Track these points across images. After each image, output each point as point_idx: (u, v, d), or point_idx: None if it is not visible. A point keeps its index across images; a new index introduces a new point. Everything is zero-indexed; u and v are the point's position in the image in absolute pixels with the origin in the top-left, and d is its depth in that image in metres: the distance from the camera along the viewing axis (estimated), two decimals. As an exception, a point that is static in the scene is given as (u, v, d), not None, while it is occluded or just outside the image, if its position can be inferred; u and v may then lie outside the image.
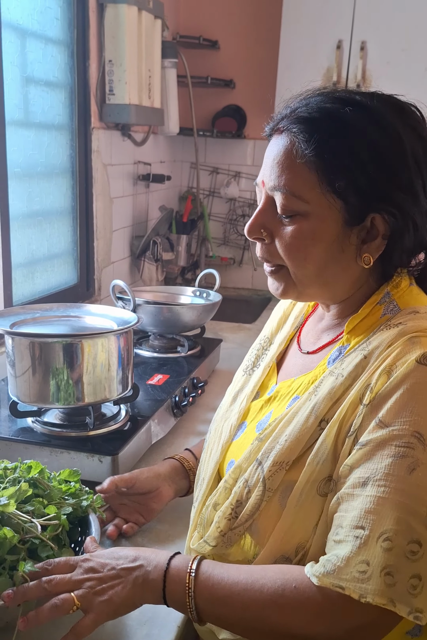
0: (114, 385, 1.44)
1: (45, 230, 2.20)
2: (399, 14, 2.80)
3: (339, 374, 0.91)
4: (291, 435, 0.91)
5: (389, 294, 0.96)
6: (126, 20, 2.32)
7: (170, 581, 0.88)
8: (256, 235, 0.96)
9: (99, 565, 0.90)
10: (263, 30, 3.27)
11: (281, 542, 0.90)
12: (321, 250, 0.92)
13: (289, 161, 0.90)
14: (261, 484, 0.92)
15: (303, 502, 0.89)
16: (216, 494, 1.00)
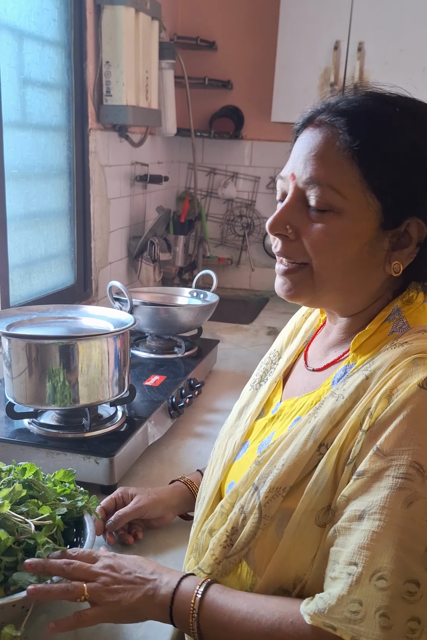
0: (110, 386, 1.44)
1: (42, 231, 2.20)
2: (397, 15, 2.80)
3: (340, 395, 0.86)
4: (288, 460, 0.86)
5: (399, 310, 0.91)
6: (123, 22, 2.32)
7: (178, 600, 0.88)
8: (281, 231, 0.90)
9: (118, 565, 0.92)
10: (261, 31, 3.27)
11: (278, 573, 0.86)
12: (352, 251, 0.87)
13: (331, 153, 0.86)
14: (257, 511, 0.87)
15: (300, 532, 0.84)
16: (212, 518, 0.96)
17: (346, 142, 0.85)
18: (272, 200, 3.51)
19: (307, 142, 0.89)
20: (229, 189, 3.48)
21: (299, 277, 0.91)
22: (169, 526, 1.29)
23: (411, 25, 2.80)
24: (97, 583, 0.90)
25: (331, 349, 0.99)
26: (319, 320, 1.09)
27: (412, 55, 2.81)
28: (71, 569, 0.91)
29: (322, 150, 0.86)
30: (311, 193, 0.87)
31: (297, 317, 1.15)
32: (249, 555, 0.88)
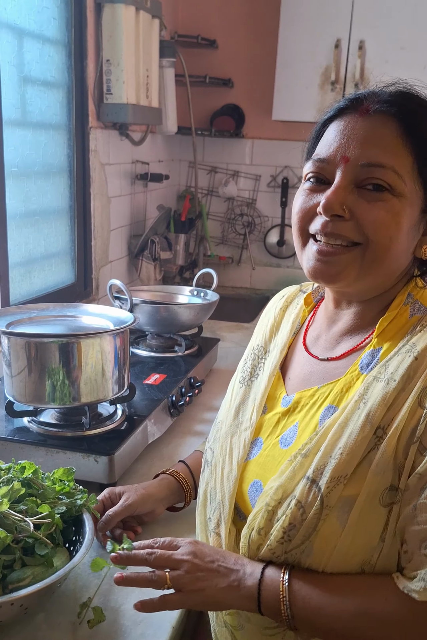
0: (110, 385, 1.44)
1: (42, 229, 2.20)
2: (398, 13, 2.79)
3: (390, 379, 0.88)
4: (346, 447, 0.86)
5: (411, 294, 0.96)
6: (124, 20, 2.32)
7: (265, 590, 0.89)
8: (337, 211, 0.90)
9: (200, 552, 0.93)
10: (261, 29, 3.27)
11: (343, 561, 0.87)
12: (404, 232, 0.91)
13: (390, 140, 0.90)
14: (319, 502, 0.86)
15: (365, 516, 0.85)
16: (257, 518, 0.92)
17: (402, 130, 0.89)
18: (274, 198, 3.52)
19: (358, 127, 0.91)
20: (230, 188, 3.48)
21: (348, 259, 0.92)
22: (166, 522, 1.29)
23: (412, 24, 2.79)
24: (180, 571, 0.91)
25: (344, 337, 1.00)
26: (304, 310, 1.11)
27: (412, 53, 2.80)
28: (153, 559, 0.92)
29: (380, 135, 0.90)
30: (371, 175, 0.89)
31: (274, 310, 1.16)
32: (306, 549, 0.88)
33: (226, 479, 1.01)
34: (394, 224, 0.89)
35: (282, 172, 3.47)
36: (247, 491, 0.99)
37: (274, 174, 3.50)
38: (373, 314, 0.97)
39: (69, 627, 1.00)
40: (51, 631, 0.99)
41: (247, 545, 0.94)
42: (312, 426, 0.94)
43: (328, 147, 0.93)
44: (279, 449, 0.97)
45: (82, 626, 1.00)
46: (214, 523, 1.01)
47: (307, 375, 1.02)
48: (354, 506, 0.85)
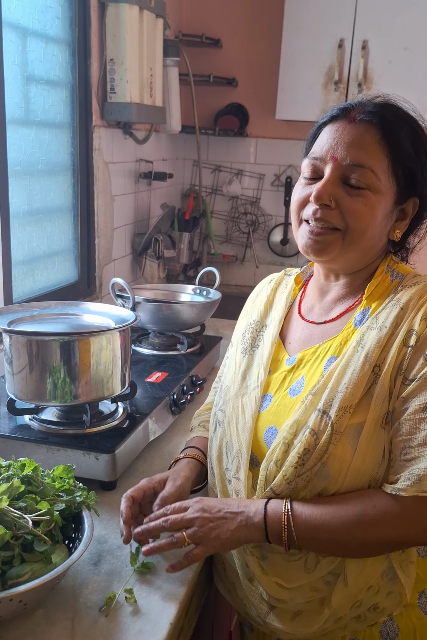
0: (111, 383, 1.44)
1: (45, 227, 2.21)
2: (401, 13, 2.80)
3: (382, 326, 1.08)
4: (350, 382, 1.06)
5: (389, 265, 1.18)
6: (127, 19, 2.33)
7: (270, 521, 1.06)
8: (325, 201, 1.09)
9: (208, 507, 1.09)
10: (265, 29, 3.27)
11: (356, 478, 1.05)
12: (378, 221, 1.11)
13: (371, 145, 1.09)
14: (329, 429, 1.04)
15: (371, 437, 1.05)
16: (275, 452, 1.09)
17: (380, 137, 1.09)
18: (277, 197, 3.53)
19: (346, 132, 1.11)
20: (234, 186, 3.48)
21: (330, 239, 1.12)
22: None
23: (415, 24, 2.79)
24: (194, 527, 1.06)
25: (336, 303, 1.21)
26: (295, 288, 1.32)
27: (416, 54, 2.81)
28: (169, 524, 1.08)
29: (363, 141, 1.10)
30: (354, 173, 1.09)
31: (266, 292, 1.35)
32: (322, 470, 1.05)
33: (242, 431, 1.17)
34: (370, 215, 1.10)
35: (286, 171, 3.48)
36: (262, 437, 1.15)
37: (277, 172, 3.50)
38: (358, 283, 1.19)
39: (67, 623, 1.01)
40: (50, 627, 1.00)
41: (265, 477, 1.10)
42: (318, 374, 1.13)
43: (321, 148, 1.13)
44: (289, 399, 1.15)
45: (80, 622, 1.01)
46: (233, 470, 1.16)
47: (307, 338, 1.21)
48: (363, 431, 1.04)
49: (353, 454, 1.04)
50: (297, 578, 1.11)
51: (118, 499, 1.35)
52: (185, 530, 1.07)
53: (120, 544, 1.21)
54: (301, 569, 1.10)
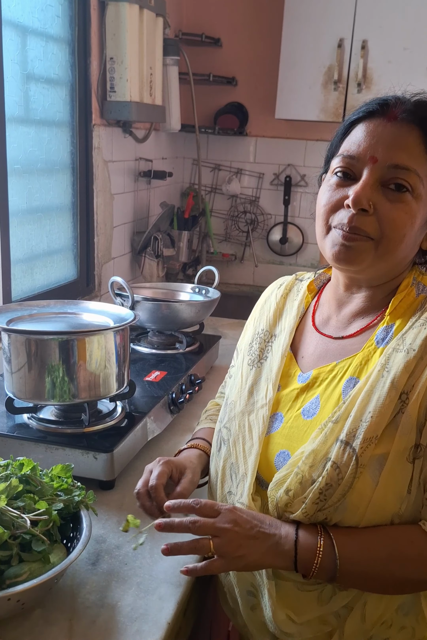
0: (109, 382, 1.45)
1: (44, 226, 2.21)
2: (401, 13, 2.79)
3: (409, 349, 0.98)
4: (375, 411, 0.96)
5: (415, 277, 1.08)
6: (127, 18, 2.33)
7: (302, 549, 0.97)
8: (364, 206, 0.99)
9: (241, 520, 0.98)
10: (265, 28, 3.27)
11: (376, 513, 0.97)
12: (415, 230, 1.02)
13: (414, 147, 1.00)
14: (354, 462, 0.95)
15: (394, 471, 0.96)
16: (285, 480, 1.01)
17: (423, 138, 1.00)
18: (277, 196, 3.52)
19: (387, 131, 1.00)
20: (233, 185, 3.48)
21: (363, 248, 1.01)
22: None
23: (415, 24, 2.79)
24: (223, 539, 0.96)
25: (356, 317, 1.11)
26: (307, 296, 1.21)
27: (415, 53, 2.81)
28: (197, 527, 0.97)
29: (406, 141, 1.00)
30: (396, 176, 0.99)
31: (275, 298, 1.25)
32: (340, 505, 0.97)
33: (248, 453, 1.08)
34: (409, 224, 1.00)
35: (285, 170, 3.48)
36: (273, 462, 1.06)
37: (277, 172, 3.50)
38: (381, 297, 1.09)
39: (65, 623, 1.01)
40: (48, 627, 1.00)
41: (275, 504, 1.02)
42: (336, 396, 1.04)
43: (358, 146, 1.02)
44: (303, 420, 1.06)
45: (78, 622, 1.01)
46: (239, 494, 1.08)
47: (322, 353, 1.11)
48: (386, 464, 0.96)
49: (374, 488, 0.96)
50: (309, 610, 1.03)
51: (116, 499, 1.36)
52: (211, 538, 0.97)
53: (118, 544, 1.21)
54: (314, 600, 1.03)
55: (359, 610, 1.03)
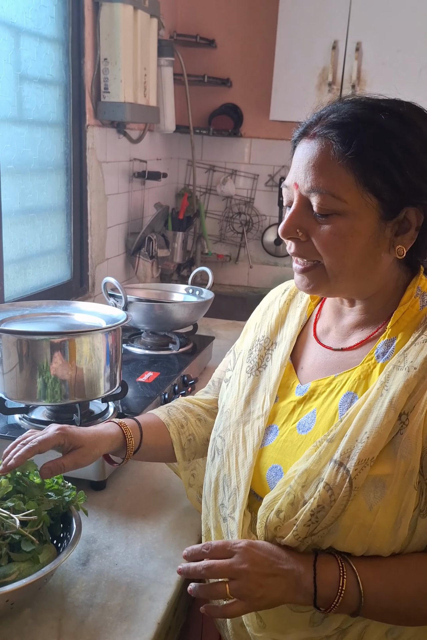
0: (101, 382, 1.45)
1: (38, 226, 2.21)
2: (394, 16, 2.81)
3: (410, 367, 0.94)
4: (372, 432, 0.92)
5: (419, 287, 1.02)
6: (121, 19, 2.33)
7: (321, 586, 0.92)
8: (292, 235, 0.99)
9: (259, 558, 0.93)
10: (260, 30, 3.28)
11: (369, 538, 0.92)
12: (359, 246, 0.96)
13: (327, 164, 0.94)
14: (348, 484, 0.91)
15: (393, 495, 0.91)
16: (277, 501, 0.96)
17: (340, 151, 0.93)
18: (271, 197, 3.53)
19: (304, 153, 0.97)
20: (228, 186, 3.49)
21: (315, 274, 1.00)
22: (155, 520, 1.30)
23: (408, 26, 2.80)
24: (241, 582, 0.90)
25: (355, 330, 1.07)
26: (310, 303, 1.17)
27: (409, 55, 2.82)
28: (212, 572, 0.92)
29: (319, 161, 0.94)
30: (313, 200, 0.95)
31: (278, 303, 1.21)
32: (332, 529, 0.93)
33: (241, 466, 1.05)
34: (341, 244, 0.95)
35: (280, 171, 3.48)
36: (265, 476, 1.03)
37: (271, 173, 3.51)
38: (376, 309, 1.04)
39: (55, 622, 1.01)
40: (37, 626, 1.00)
41: (265, 526, 0.97)
42: (332, 412, 1.00)
43: (289, 173, 1.01)
44: (297, 435, 1.02)
45: (67, 621, 1.01)
46: (230, 508, 1.05)
47: (322, 365, 1.08)
48: (386, 488, 0.91)
49: (368, 511, 0.91)
50: (298, 631, 0.99)
51: (107, 499, 1.36)
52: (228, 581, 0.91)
53: (109, 544, 1.21)
54: (306, 622, 0.99)
55: (355, 634, 0.99)
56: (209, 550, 0.93)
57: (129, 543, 1.23)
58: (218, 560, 0.92)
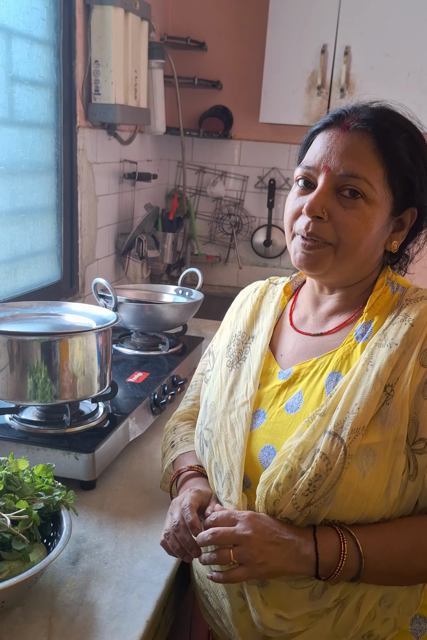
0: (91, 383, 1.46)
1: (28, 227, 2.21)
2: (383, 20, 2.83)
3: (392, 343, 1.04)
4: (362, 403, 1.00)
5: (388, 277, 1.14)
6: (112, 22, 2.34)
7: (323, 554, 0.99)
8: (318, 213, 1.05)
9: (260, 527, 0.99)
10: (250, 33, 3.30)
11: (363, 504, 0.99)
12: (374, 232, 1.06)
13: (365, 154, 1.04)
14: (342, 452, 0.98)
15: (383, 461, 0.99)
16: (275, 475, 1.02)
17: (375, 146, 1.05)
18: (261, 199, 3.55)
19: (339, 141, 1.06)
20: (218, 188, 3.50)
21: (322, 253, 1.07)
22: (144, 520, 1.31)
23: (397, 31, 2.83)
24: (243, 547, 0.97)
25: (333, 316, 1.16)
26: (283, 297, 1.26)
27: (397, 59, 2.84)
28: (217, 538, 0.98)
29: (357, 150, 1.05)
30: (348, 183, 1.04)
31: (251, 301, 1.29)
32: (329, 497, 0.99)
33: (232, 451, 1.10)
34: (364, 228, 1.05)
35: (270, 173, 3.50)
36: (258, 457, 1.08)
37: (261, 175, 3.53)
38: (355, 296, 1.14)
39: (45, 621, 1.02)
40: (28, 625, 1.01)
41: (265, 501, 1.03)
42: (319, 390, 1.08)
43: (314, 157, 1.08)
44: (286, 415, 1.09)
45: (57, 620, 1.02)
46: (225, 493, 1.09)
47: (302, 350, 1.16)
48: (376, 455, 0.99)
49: (361, 478, 0.99)
50: (300, 606, 1.05)
51: (97, 499, 1.37)
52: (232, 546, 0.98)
53: (99, 543, 1.22)
54: (305, 597, 1.04)
55: (354, 604, 1.05)
56: (215, 519, 1.01)
57: (118, 542, 1.24)
58: (223, 527, 0.99)
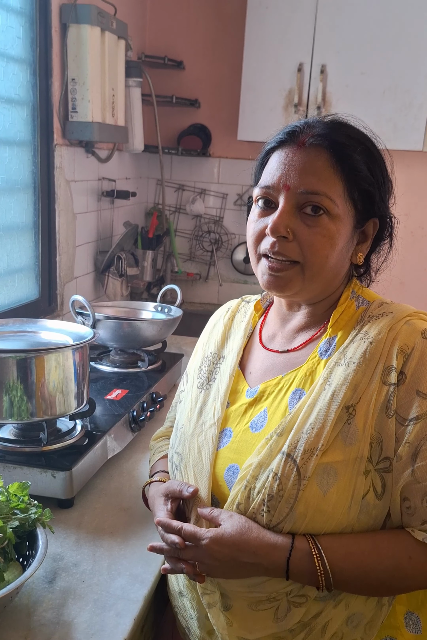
0: (68, 400, 1.44)
1: (5, 245, 2.20)
2: (358, 39, 2.87)
3: (349, 362, 1.02)
4: (316, 423, 0.99)
5: (354, 291, 1.12)
6: (89, 40, 2.35)
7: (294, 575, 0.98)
8: (282, 233, 1.03)
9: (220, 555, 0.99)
10: (227, 51, 3.33)
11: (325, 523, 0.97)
12: (339, 248, 1.05)
13: (323, 170, 1.03)
14: (295, 473, 0.97)
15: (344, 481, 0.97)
16: (237, 495, 1.02)
17: (333, 161, 1.03)
18: (240, 216, 3.56)
19: (296, 158, 1.05)
20: (197, 205, 3.51)
21: (290, 274, 1.05)
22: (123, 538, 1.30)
23: (372, 50, 2.87)
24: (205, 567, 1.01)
25: (300, 332, 1.15)
26: (254, 315, 1.25)
27: (372, 78, 2.89)
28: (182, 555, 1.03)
29: (315, 166, 1.03)
30: (309, 201, 1.03)
31: (223, 321, 1.29)
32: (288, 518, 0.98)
33: (199, 476, 1.09)
34: (329, 245, 1.04)
35: (248, 190, 3.52)
36: (223, 476, 1.07)
37: (240, 192, 3.54)
38: (321, 312, 1.13)
39: (20, 641, 1.01)
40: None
41: None
42: (283, 408, 1.06)
43: (272, 176, 1.06)
44: (251, 434, 1.08)
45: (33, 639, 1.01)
46: (193, 519, 1.08)
47: (269, 368, 1.14)
48: (337, 475, 0.97)
49: (323, 496, 0.97)
50: (264, 628, 1.04)
51: (75, 517, 1.36)
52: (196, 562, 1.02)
53: (76, 561, 1.21)
54: (270, 618, 1.03)
55: (320, 625, 1.03)
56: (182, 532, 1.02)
57: (96, 560, 1.22)
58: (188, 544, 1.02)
